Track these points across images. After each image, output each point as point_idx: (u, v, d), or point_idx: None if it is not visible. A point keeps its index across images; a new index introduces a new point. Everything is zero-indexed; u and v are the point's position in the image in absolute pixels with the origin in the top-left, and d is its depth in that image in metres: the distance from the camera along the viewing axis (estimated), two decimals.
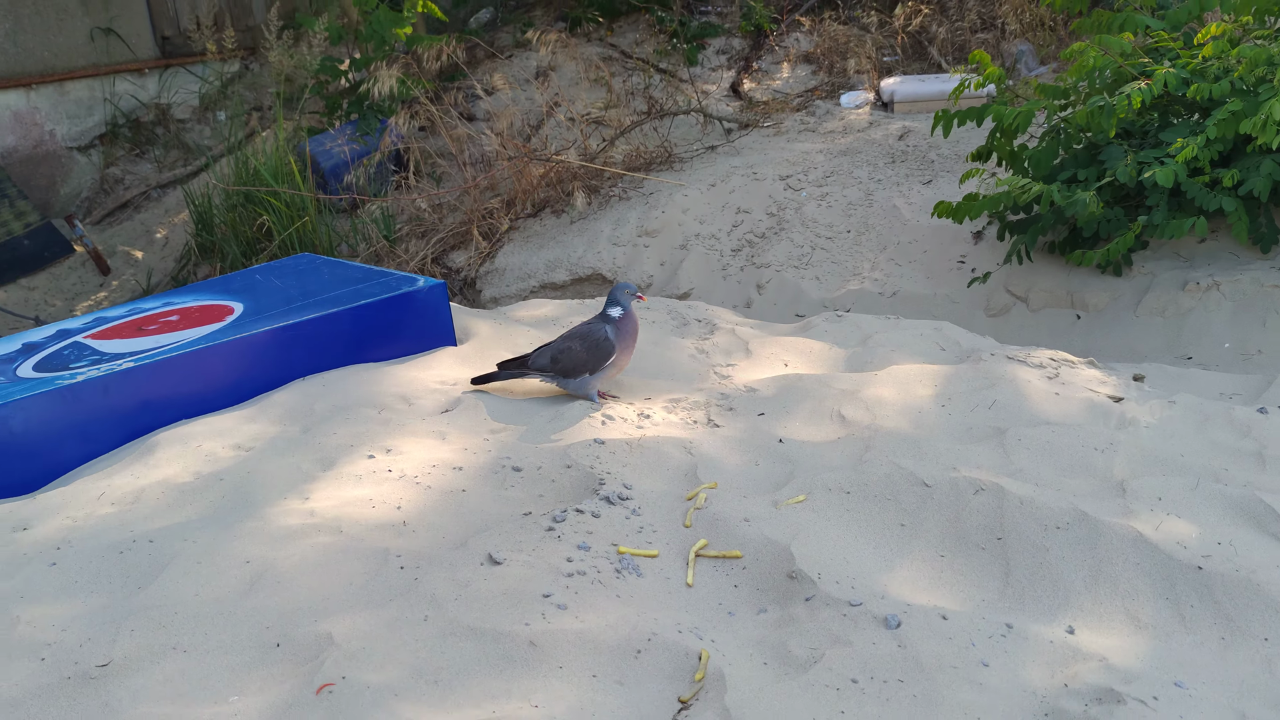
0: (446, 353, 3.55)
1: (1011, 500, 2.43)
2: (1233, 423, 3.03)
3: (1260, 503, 2.48)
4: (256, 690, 1.93)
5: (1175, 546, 2.29)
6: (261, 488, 2.65)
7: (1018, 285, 5.04)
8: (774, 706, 1.88)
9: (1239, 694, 1.93)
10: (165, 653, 2.03)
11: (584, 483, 2.62)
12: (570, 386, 3.15)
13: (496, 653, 2.00)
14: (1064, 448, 2.78)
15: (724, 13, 8.97)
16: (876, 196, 6.02)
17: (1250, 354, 4.31)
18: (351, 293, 3.58)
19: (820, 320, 4.02)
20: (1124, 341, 4.59)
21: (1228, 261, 4.72)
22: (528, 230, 6.64)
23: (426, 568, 2.26)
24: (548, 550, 2.31)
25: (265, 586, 2.22)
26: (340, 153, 7.45)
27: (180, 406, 3.19)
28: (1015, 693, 1.93)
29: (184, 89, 9.04)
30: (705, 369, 3.51)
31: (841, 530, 2.44)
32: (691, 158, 6.97)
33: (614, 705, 1.91)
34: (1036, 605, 2.22)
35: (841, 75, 7.92)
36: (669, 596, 2.24)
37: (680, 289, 5.84)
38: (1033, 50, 7.49)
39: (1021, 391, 3.14)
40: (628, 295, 3.18)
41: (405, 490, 2.59)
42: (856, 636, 2.06)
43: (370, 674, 1.92)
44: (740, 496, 2.59)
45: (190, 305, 3.76)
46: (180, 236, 7.79)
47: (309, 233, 6.69)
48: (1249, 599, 2.14)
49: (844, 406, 3.06)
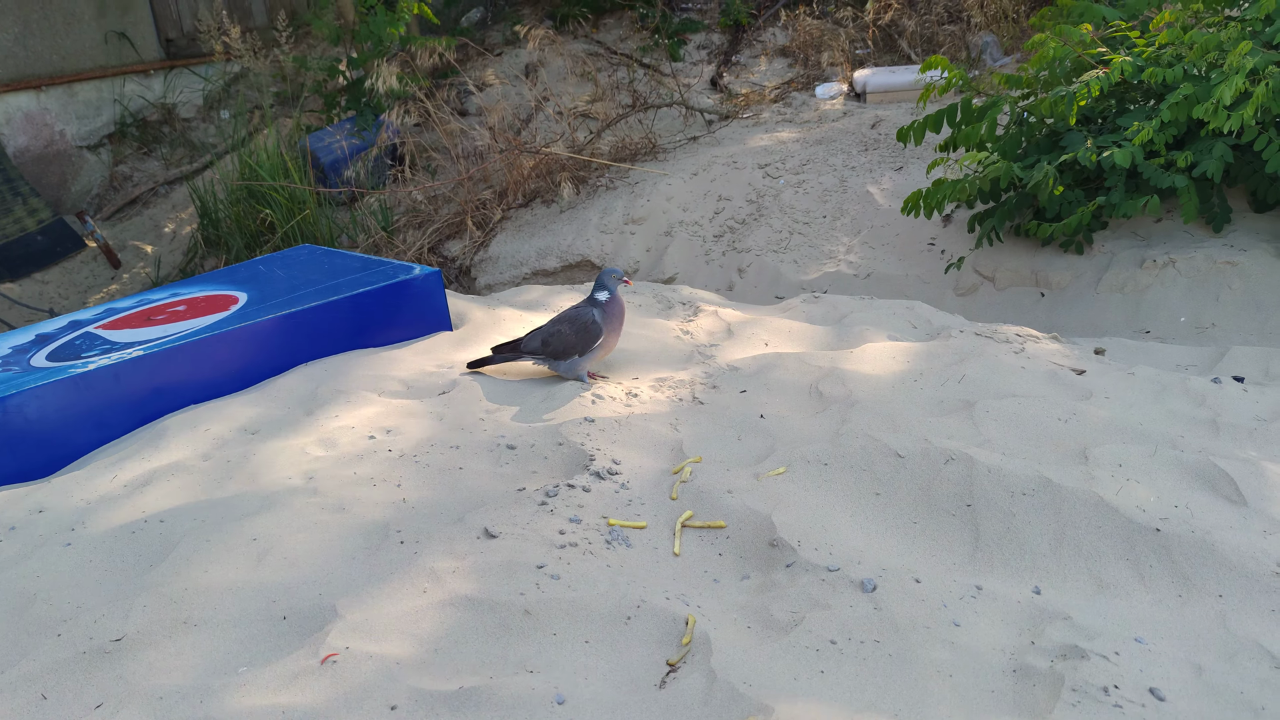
0: (443, 337, 3.53)
1: (980, 469, 2.43)
2: (1188, 392, 3.03)
3: (1214, 467, 2.49)
4: (265, 661, 1.93)
5: (1135, 510, 2.29)
6: (267, 468, 2.64)
7: (985, 266, 5.04)
8: (757, 668, 1.89)
9: (1195, 648, 1.94)
10: (176, 627, 2.03)
11: (575, 459, 2.61)
12: (561, 368, 3.14)
13: (493, 622, 2.00)
14: (1029, 418, 2.79)
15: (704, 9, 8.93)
16: (851, 183, 6.01)
17: (1204, 327, 4.32)
18: (351, 281, 3.56)
19: (798, 302, 4.01)
20: (1086, 317, 4.59)
21: (1183, 240, 4.72)
22: (519, 220, 6.61)
23: (425, 542, 2.25)
24: (541, 524, 2.31)
25: (271, 562, 2.22)
26: (339, 148, 7.41)
27: (189, 392, 3.17)
28: (985, 651, 1.94)
29: (188, 89, 8.97)
30: (690, 349, 3.50)
31: (820, 500, 2.44)
32: (674, 148, 6.94)
33: (605, 669, 1.91)
34: (1005, 568, 2.22)
35: (816, 68, 7.90)
36: (657, 566, 2.24)
37: (665, 274, 5.83)
38: (997, 42, 7.47)
39: (989, 366, 3.14)
40: (614, 280, 3.17)
41: (405, 468, 2.59)
42: (835, 600, 2.06)
43: (372, 644, 1.92)
44: (724, 470, 2.59)
45: (197, 295, 3.73)
46: (187, 230, 7.74)
47: (310, 225, 6.66)
48: (1204, 558, 2.15)
49: (821, 383, 3.06)
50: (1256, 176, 4.62)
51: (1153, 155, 4.57)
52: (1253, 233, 4.65)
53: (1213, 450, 2.66)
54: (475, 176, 6.98)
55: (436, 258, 6.55)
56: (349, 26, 7.88)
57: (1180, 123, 4.47)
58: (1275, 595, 2.05)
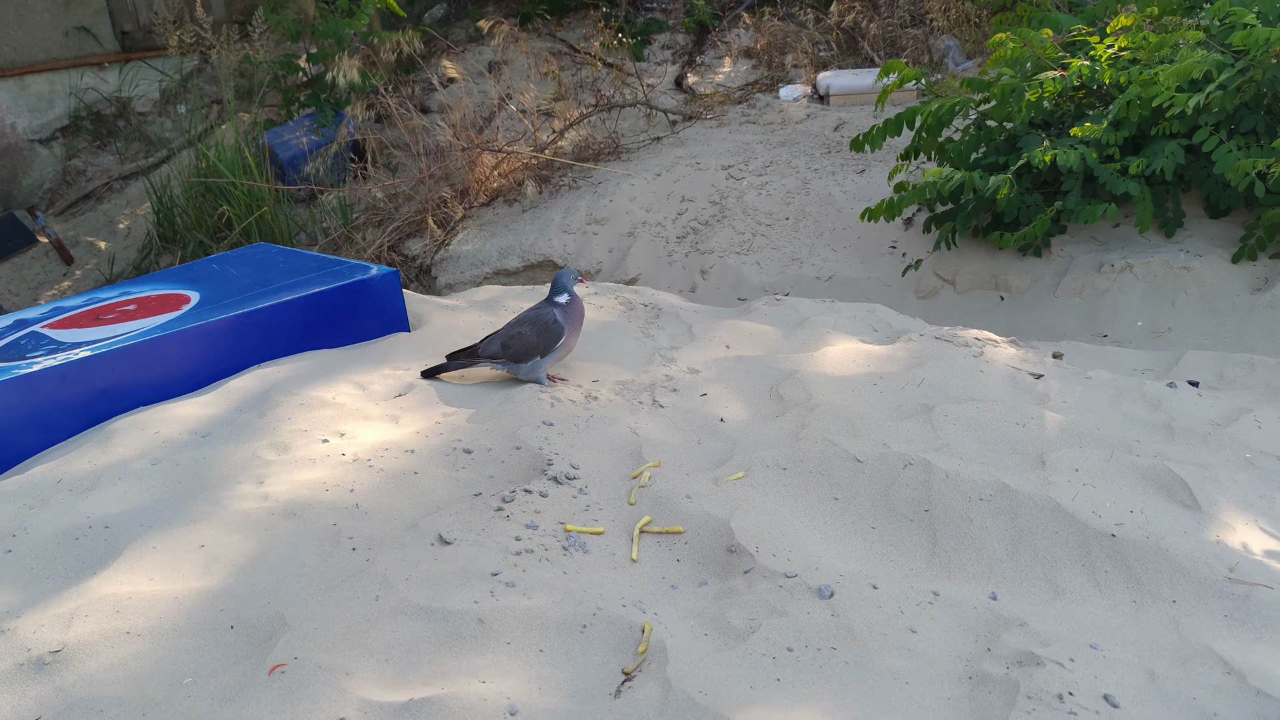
0: (400, 339, 3.49)
1: (938, 474, 2.43)
2: (1144, 397, 3.05)
3: (1169, 472, 2.50)
4: (210, 673, 1.88)
5: (1090, 515, 2.30)
6: (217, 473, 2.59)
7: (946, 269, 5.06)
8: (713, 676, 1.87)
9: (1149, 653, 1.95)
10: (119, 638, 1.98)
11: (533, 463, 2.58)
12: (522, 371, 3.10)
13: (446, 631, 1.96)
14: (988, 423, 2.79)
15: (668, 9, 8.92)
16: (813, 185, 6.02)
17: (1161, 331, 4.36)
18: (306, 281, 3.51)
19: (760, 304, 4.00)
20: (1044, 321, 4.62)
21: (1140, 245, 4.76)
22: (481, 219, 6.56)
23: (378, 549, 2.21)
24: (497, 530, 2.28)
25: (219, 570, 2.17)
26: (298, 144, 7.32)
27: (138, 394, 3.11)
28: (941, 658, 1.93)
29: (145, 83, 8.83)
30: (651, 352, 3.48)
31: (778, 505, 2.43)
32: (638, 149, 6.92)
33: (560, 679, 1.89)
34: (962, 573, 2.22)
35: (780, 69, 7.90)
36: (614, 572, 2.21)
37: (628, 274, 5.80)
38: (959, 45, 7.52)
39: (948, 370, 3.14)
40: (571, 280, 3.15)
41: (358, 473, 2.54)
42: (792, 607, 2.05)
43: (322, 654, 1.88)
44: (683, 474, 2.57)
45: (147, 294, 3.66)
46: (142, 226, 7.62)
47: (268, 222, 6.57)
48: (1158, 564, 2.15)
49: (782, 386, 3.05)
50: (1210, 181, 4.66)
51: (1109, 160, 4.61)
52: (1207, 238, 4.70)
53: (1168, 455, 2.67)
54: (437, 174, 6.93)
55: (397, 256, 6.49)
56: (309, 22, 7.79)
57: (1133, 123, 4.50)
58: (1227, 600, 2.06)
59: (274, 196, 6.66)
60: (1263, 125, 4.45)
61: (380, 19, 8.24)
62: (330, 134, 7.34)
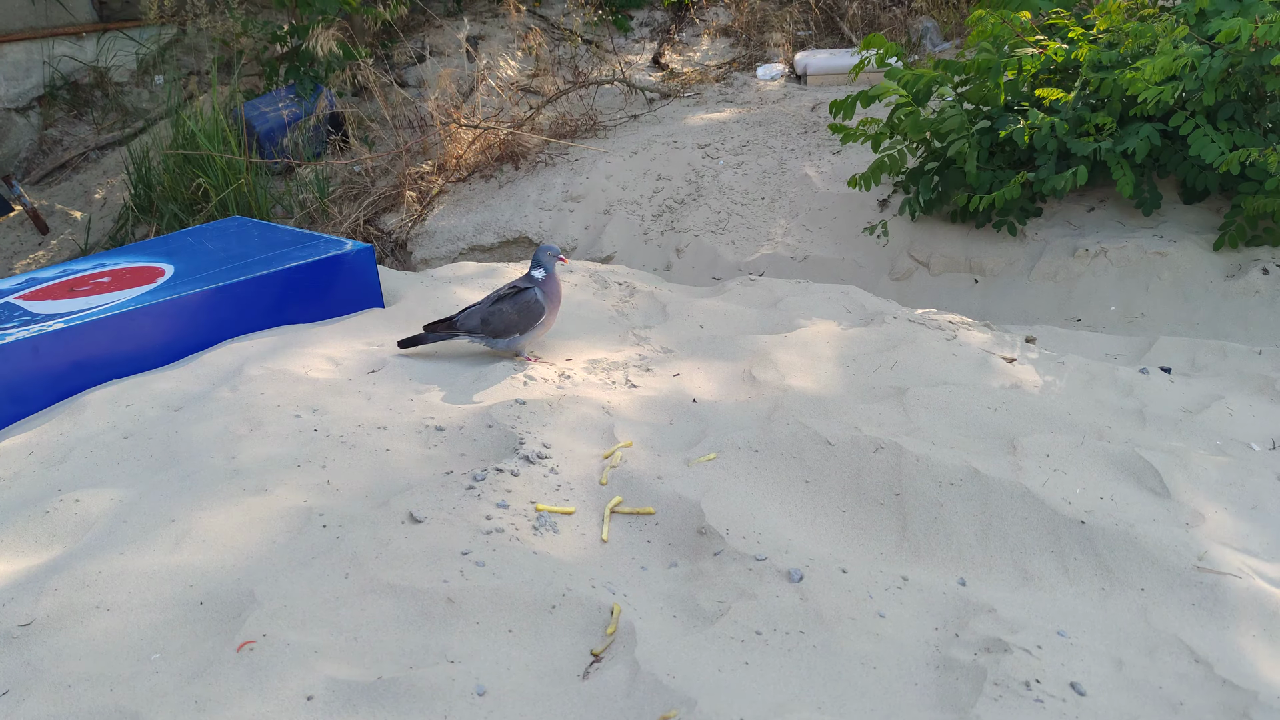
0: (374, 314, 3.44)
1: (909, 458, 2.42)
2: (1116, 382, 3.05)
3: (1139, 459, 2.50)
4: (178, 649, 1.85)
5: (1060, 502, 2.30)
6: (189, 447, 2.55)
7: (920, 251, 5.04)
8: (681, 658, 1.85)
9: (1116, 641, 1.95)
10: (89, 612, 1.94)
11: (505, 442, 2.56)
12: (499, 346, 3.08)
13: (415, 609, 1.94)
14: (959, 406, 2.78)
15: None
16: (789, 165, 5.98)
17: (1134, 316, 4.36)
18: (281, 256, 3.45)
19: (734, 284, 3.98)
20: (1018, 304, 4.62)
21: (1114, 229, 4.76)
22: (457, 194, 6.50)
23: (349, 526, 2.18)
24: (468, 508, 2.25)
25: (190, 545, 2.14)
26: (276, 116, 7.21)
27: (111, 367, 3.06)
28: (910, 643, 1.92)
29: (122, 52, 8.68)
30: (624, 331, 3.46)
31: (750, 487, 2.42)
32: (615, 126, 6.86)
33: (528, 659, 1.87)
34: (931, 558, 2.21)
35: (759, 48, 7.85)
36: (584, 552, 2.19)
37: (604, 252, 5.76)
38: (937, 27, 7.48)
39: (921, 353, 3.13)
40: (550, 258, 3.11)
41: (330, 450, 2.51)
42: (761, 590, 2.03)
43: (291, 632, 1.86)
44: (655, 455, 2.55)
45: (122, 267, 3.60)
46: (118, 197, 7.50)
47: (245, 194, 6.48)
48: (1127, 551, 2.15)
49: (755, 367, 3.03)
50: (1185, 165, 4.65)
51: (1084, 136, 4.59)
52: (1182, 224, 4.71)
53: (1138, 441, 2.67)
54: (414, 149, 6.84)
55: (373, 230, 6.42)
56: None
57: (1113, 105, 4.48)
58: (1195, 589, 2.06)
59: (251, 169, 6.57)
60: (1240, 113, 4.45)
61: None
62: (309, 106, 7.24)
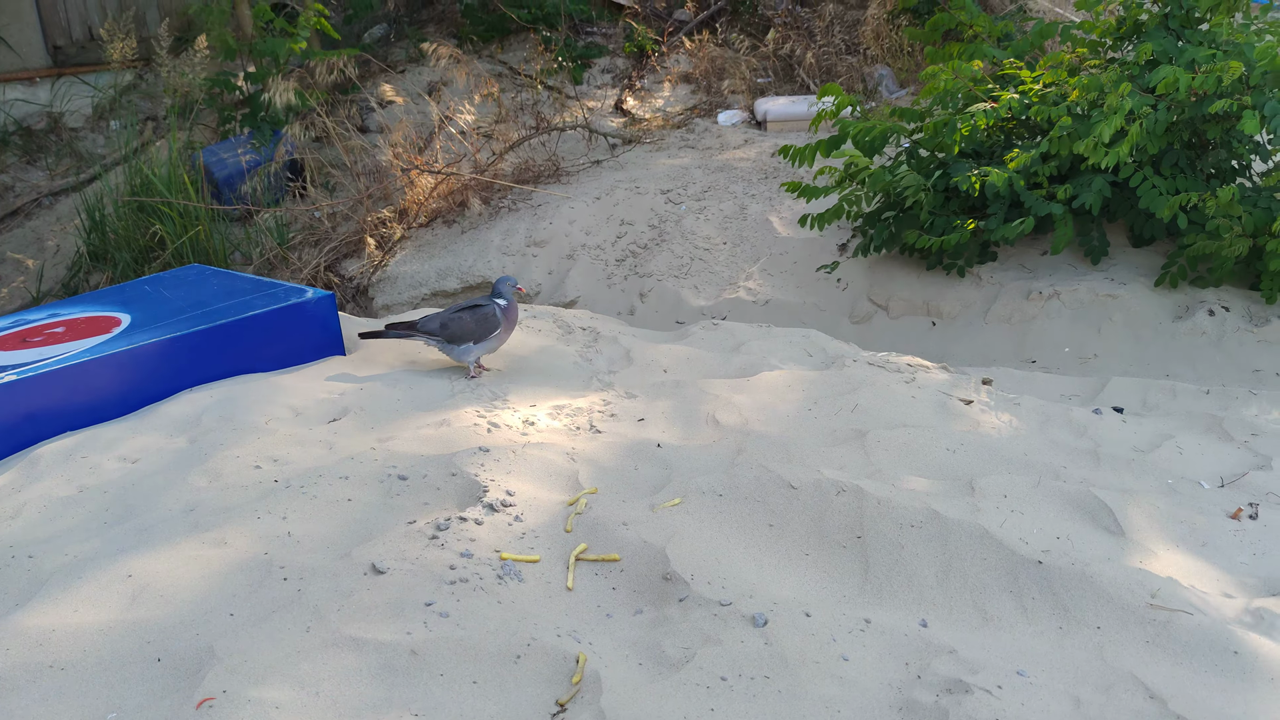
0: (335, 362, 3.45)
1: (870, 500, 2.46)
2: (1071, 423, 3.12)
3: (1094, 498, 2.55)
4: (135, 707, 1.84)
5: (1018, 542, 2.34)
6: (146, 500, 2.53)
7: (879, 295, 5.12)
8: (647, 707, 1.86)
9: (1074, 680, 1.98)
10: (42, 671, 1.92)
11: (468, 490, 2.56)
12: (454, 353, 3.29)
13: (378, 662, 1.94)
14: (919, 449, 2.83)
15: (609, 34, 8.96)
16: (751, 210, 6.07)
17: (1087, 358, 4.45)
18: (240, 304, 3.45)
19: (698, 329, 4.02)
20: (975, 346, 4.70)
21: (1067, 273, 4.87)
22: (420, 239, 6.52)
23: (310, 578, 2.18)
24: (431, 558, 2.25)
25: (147, 601, 2.12)
26: (235, 163, 7.22)
27: (66, 419, 3.03)
28: (873, 685, 1.95)
29: (77, 97, 8.66)
30: (588, 376, 3.48)
31: (714, 532, 2.44)
32: (578, 171, 6.93)
33: (493, 711, 1.87)
34: (893, 600, 2.24)
35: (719, 95, 7.97)
36: (549, 601, 2.20)
37: (567, 297, 5.80)
38: (893, 74, 7.64)
39: (881, 395, 3.18)
40: (509, 288, 3.37)
41: (291, 501, 2.50)
42: (726, 635, 2.05)
43: (251, 687, 1.85)
44: (619, 501, 2.56)
45: (77, 316, 3.58)
46: (72, 244, 7.45)
47: (202, 242, 6.46)
48: (1083, 590, 2.20)
49: (718, 412, 3.07)
50: (1134, 212, 4.79)
51: (1036, 187, 4.71)
52: (1132, 267, 4.82)
53: (1093, 481, 2.73)
54: (375, 195, 6.87)
55: (334, 276, 6.42)
56: (246, 40, 7.70)
57: (1063, 158, 4.62)
58: (1149, 626, 2.10)
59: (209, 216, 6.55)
60: (1183, 160, 4.59)
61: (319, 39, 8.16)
62: (268, 153, 7.25)
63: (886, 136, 4.92)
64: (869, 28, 7.73)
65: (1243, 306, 4.48)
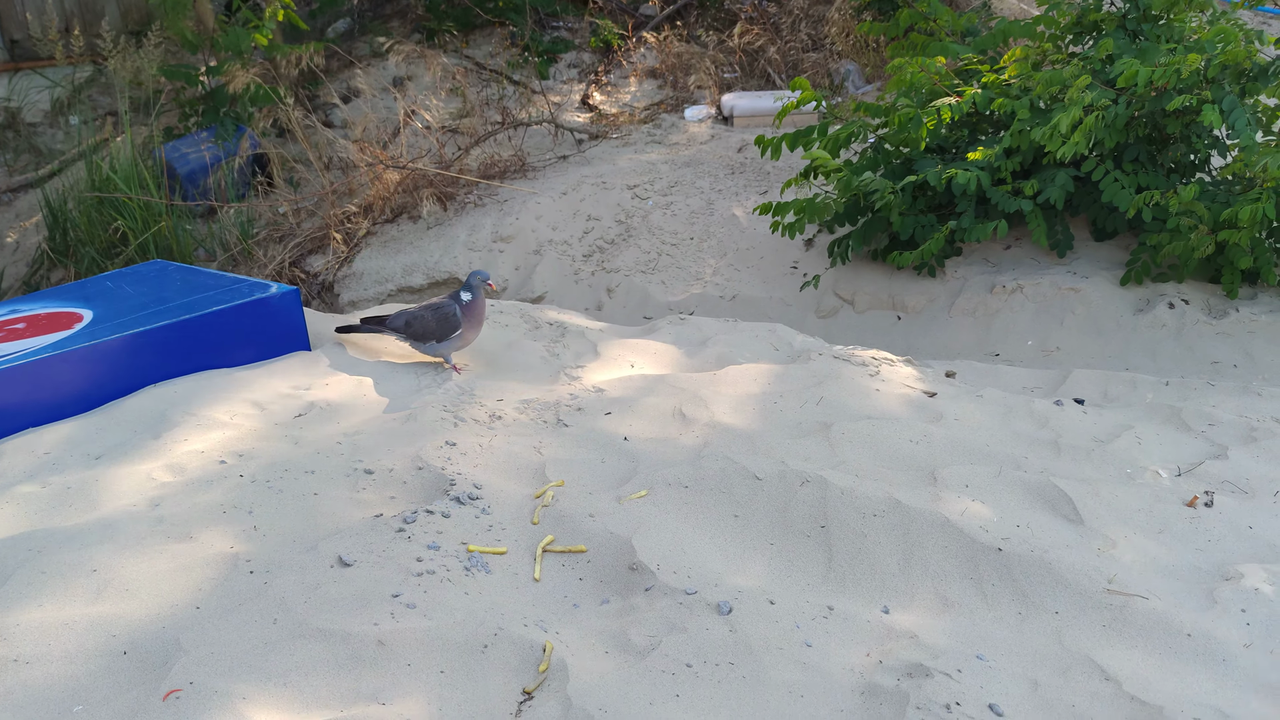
0: (300, 358, 3.45)
1: (834, 490, 2.50)
2: (1032, 414, 3.17)
3: (1054, 487, 2.61)
4: (101, 699, 1.85)
5: (979, 530, 2.39)
6: (111, 495, 2.53)
7: (845, 289, 5.18)
8: (613, 693, 1.89)
9: (1032, 663, 2.03)
10: (6, 666, 1.92)
11: (435, 483, 2.58)
12: (421, 349, 3.37)
13: (345, 653, 1.96)
14: (883, 440, 2.87)
15: (574, 28, 8.97)
16: (717, 206, 6.11)
17: (1050, 350, 4.53)
18: (203, 299, 3.45)
19: (665, 323, 4.05)
20: (939, 340, 4.76)
21: (1030, 267, 4.94)
22: (385, 235, 6.51)
23: (277, 572, 2.19)
24: (398, 551, 2.27)
25: (112, 595, 2.13)
26: (198, 158, 7.17)
27: (28, 415, 3.02)
28: (835, 671, 1.99)
29: (35, 91, 8.56)
30: (556, 371, 3.50)
31: (680, 523, 2.47)
32: (544, 167, 6.94)
33: (460, 700, 1.89)
34: (856, 588, 2.28)
35: (685, 90, 8.00)
36: (516, 592, 2.23)
37: (535, 292, 5.81)
38: (859, 69, 7.71)
39: (846, 388, 3.23)
40: (480, 282, 3.40)
41: (257, 495, 2.51)
42: (691, 623, 2.08)
43: (218, 679, 1.86)
44: (586, 493, 2.59)
45: (38, 313, 3.56)
46: (33, 241, 7.38)
47: (165, 237, 6.42)
48: (1042, 576, 2.25)
49: (685, 405, 3.10)
50: (1096, 206, 4.87)
51: (1000, 183, 4.78)
52: (1094, 261, 4.90)
53: (1053, 470, 2.79)
54: (340, 190, 6.85)
55: (299, 272, 6.40)
56: (208, 33, 7.64)
57: (1026, 152, 4.69)
58: (1106, 611, 2.16)
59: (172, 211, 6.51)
60: (1144, 154, 4.67)
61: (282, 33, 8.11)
62: (231, 147, 7.21)
63: (854, 136, 4.98)
64: (835, 23, 7.79)
65: (1202, 300, 4.57)
